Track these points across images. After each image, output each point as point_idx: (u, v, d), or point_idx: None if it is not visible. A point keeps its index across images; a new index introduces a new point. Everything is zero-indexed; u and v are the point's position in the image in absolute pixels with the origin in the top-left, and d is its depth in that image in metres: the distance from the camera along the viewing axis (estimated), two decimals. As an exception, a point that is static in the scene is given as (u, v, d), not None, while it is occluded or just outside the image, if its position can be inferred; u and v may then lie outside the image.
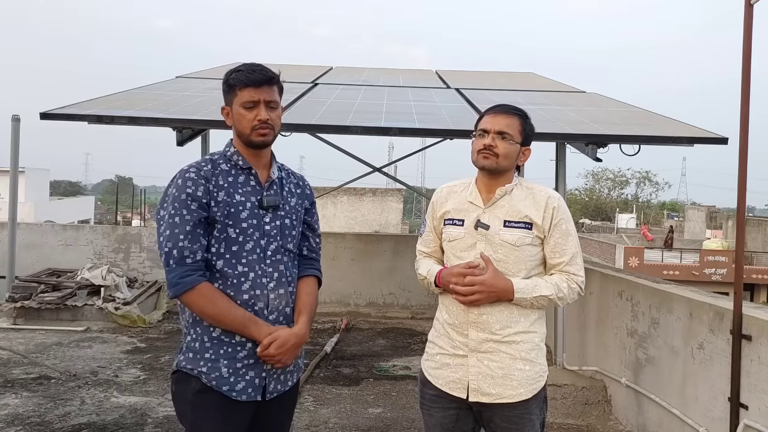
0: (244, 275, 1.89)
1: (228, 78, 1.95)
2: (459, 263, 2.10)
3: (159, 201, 1.95)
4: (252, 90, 1.90)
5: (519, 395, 2.05)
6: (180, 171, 1.91)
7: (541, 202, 2.11)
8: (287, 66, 9.28)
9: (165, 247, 1.84)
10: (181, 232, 1.83)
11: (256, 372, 1.91)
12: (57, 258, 8.00)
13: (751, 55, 3.06)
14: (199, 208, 1.86)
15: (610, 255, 26.52)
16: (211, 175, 1.90)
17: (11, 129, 6.75)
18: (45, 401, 4.25)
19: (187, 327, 1.94)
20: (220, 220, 1.88)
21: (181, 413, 1.95)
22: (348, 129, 4.74)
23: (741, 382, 2.98)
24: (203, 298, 1.84)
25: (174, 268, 1.83)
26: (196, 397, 1.88)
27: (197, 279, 1.83)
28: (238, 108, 1.92)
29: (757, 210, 76.43)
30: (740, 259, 3.25)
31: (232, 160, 1.96)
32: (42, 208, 29.25)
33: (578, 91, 7.51)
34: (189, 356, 1.91)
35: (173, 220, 1.84)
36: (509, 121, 2.11)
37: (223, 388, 1.87)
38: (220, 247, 1.89)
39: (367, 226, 20.97)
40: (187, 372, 1.90)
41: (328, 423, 4.07)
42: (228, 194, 1.90)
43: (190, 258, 1.83)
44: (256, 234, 1.92)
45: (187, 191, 1.86)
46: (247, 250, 1.90)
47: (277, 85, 1.96)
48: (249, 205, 1.92)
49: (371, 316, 7.54)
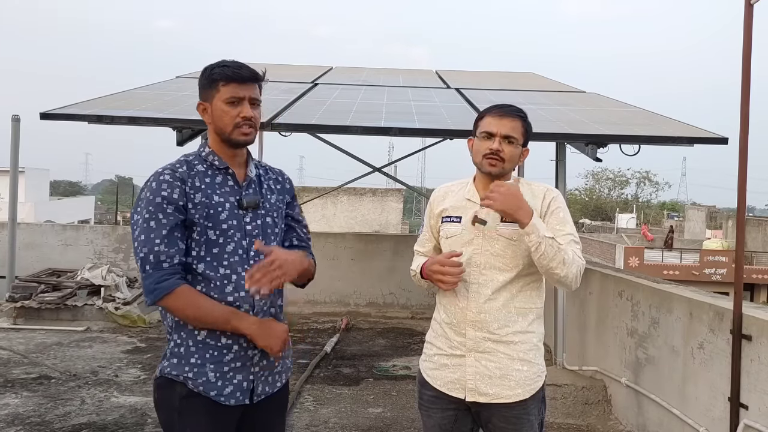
0: (227, 277, 1.83)
1: (210, 72, 1.86)
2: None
3: (133, 205, 1.87)
4: (236, 86, 1.83)
5: (517, 395, 2.05)
6: (154, 173, 1.84)
7: (539, 195, 2.12)
8: (287, 66, 9.29)
9: (141, 252, 1.77)
10: (157, 237, 1.76)
11: (243, 375, 1.86)
12: (57, 258, 7.99)
13: (751, 55, 3.07)
14: (176, 211, 1.79)
15: (610, 255, 26.52)
16: (187, 176, 1.82)
17: (11, 129, 6.75)
18: (45, 401, 4.25)
19: (170, 332, 1.89)
20: (199, 222, 1.81)
21: (167, 422, 1.87)
22: (348, 129, 4.74)
23: (741, 382, 2.98)
24: (182, 301, 1.78)
25: (150, 273, 1.76)
26: (183, 403, 1.82)
27: (175, 282, 1.77)
28: (220, 104, 1.84)
29: (757, 210, 76.44)
30: (740, 259, 3.25)
31: (207, 161, 1.89)
32: (42, 208, 29.24)
33: (578, 91, 7.51)
34: (173, 362, 1.85)
35: (148, 225, 1.77)
36: (514, 124, 2.09)
37: (211, 393, 1.82)
38: (200, 250, 1.82)
39: (367, 226, 20.97)
40: (172, 378, 1.84)
41: (328, 423, 4.07)
42: (206, 195, 1.83)
43: (166, 262, 1.77)
44: (237, 235, 1.85)
45: (163, 194, 1.78)
46: (229, 251, 1.84)
47: (258, 84, 1.90)
48: (228, 205, 1.85)
49: (371, 316, 7.54)
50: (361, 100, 6.04)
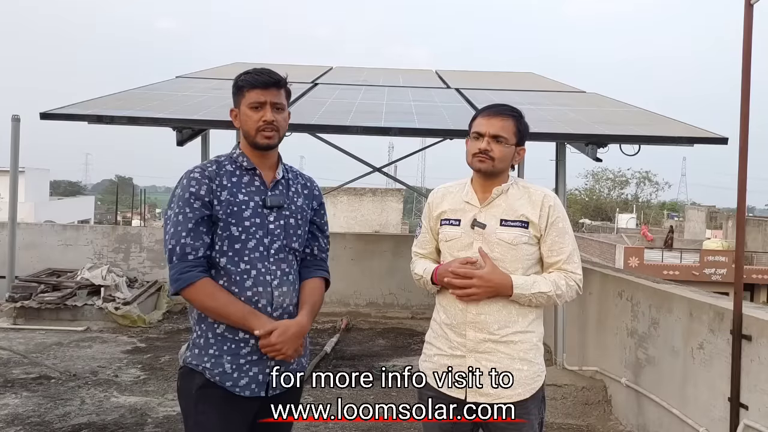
0: (247, 272, 1.93)
1: (237, 80, 2.01)
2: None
3: (168, 202, 2.01)
4: (259, 91, 1.95)
5: (517, 395, 2.05)
6: (186, 172, 1.97)
7: (537, 201, 2.11)
8: (287, 66, 9.29)
9: (168, 244, 1.90)
10: (183, 230, 1.88)
11: (259, 368, 1.94)
12: (57, 258, 7.99)
13: (751, 55, 3.07)
14: (202, 207, 1.90)
15: (610, 255, 26.51)
16: (215, 175, 1.95)
17: (11, 129, 6.75)
18: (45, 401, 4.25)
19: (194, 323, 2.00)
20: (223, 219, 1.92)
21: (185, 409, 1.97)
22: (348, 129, 4.74)
23: (741, 382, 2.98)
24: (203, 293, 1.87)
25: (175, 264, 1.88)
26: (200, 392, 1.91)
27: (197, 275, 1.87)
28: (245, 109, 1.97)
29: (757, 210, 76.40)
30: (740, 259, 3.25)
31: (237, 162, 2.01)
32: (42, 208, 29.23)
33: (578, 91, 7.51)
34: (195, 352, 1.94)
35: (177, 219, 1.90)
36: (504, 123, 2.09)
37: (227, 383, 1.90)
38: (223, 244, 1.92)
39: (366, 226, 20.97)
40: (192, 368, 1.94)
41: (328, 423, 4.07)
42: (231, 193, 1.94)
43: (191, 255, 1.88)
44: (260, 232, 1.96)
45: (191, 190, 1.91)
46: (250, 248, 1.94)
47: (284, 89, 2.01)
48: (252, 204, 1.96)
49: (371, 316, 7.54)
50: (361, 100, 6.04)
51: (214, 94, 5.68)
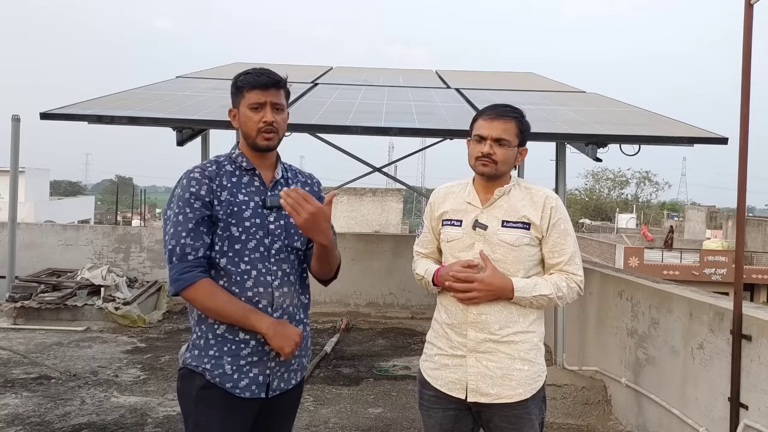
0: (247, 273, 1.91)
1: (236, 80, 1.99)
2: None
3: (167, 202, 2.00)
4: (259, 92, 1.93)
5: (518, 395, 2.05)
6: (185, 172, 1.96)
7: (539, 202, 2.11)
8: (287, 66, 9.29)
9: (168, 244, 1.88)
10: (183, 230, 1.87)
11: (259, 369, 1.93)
12: (57, 258, 7.99)
13: (751, 55, 3.07)
14: (202, 207, 1.89)
15: (610, 255, 26.51)
16: (215, 175, 1.94)
17: (11, 129, 6.75)
18: (45, 401, 4.25)
19: (194, 324, 1.98)
20: (223, 219, 1.91)
21: (185, 410, 1.96)
22: (348, 129, 4.74)
23: (741, 382, 2.98)
24: (203, 293, 1.86)
25: (175, 264, 1.86)
26: (200, 393, 1.90)
27: (197, 275, 1.86)
28: (245, 110, 1.95)
29: (757, 210, 76.43)
30: (740, 259, 3.25)
31: (236, 162, 2.00)
32: (42, 208, 29.22)
33: (578, 91, 7.51)
34: (195, 353, 1.93)
35: (177, 219, 1.88)
36: (506, 125, 2.08)
37: (227, 384, 1.89)
38: (223, 245, 1.91)
39: (366, 226, 20.98)
40: (192, 369, 1.92)
41: (328, 423, 4.07)
42: (231, 194, 1.93)
43: (191, 255, 1.86)
44: (260, 233, 1.94)
45: (191, 190, 1.90)
46: (250, 248, 1.92)
47: (284, 89, 1.99)
48: (252, 204, 1.95)
49: (371, 316, 7.54)
50: (361, 100, 6.03)
51: (214, 94, 5.68)
